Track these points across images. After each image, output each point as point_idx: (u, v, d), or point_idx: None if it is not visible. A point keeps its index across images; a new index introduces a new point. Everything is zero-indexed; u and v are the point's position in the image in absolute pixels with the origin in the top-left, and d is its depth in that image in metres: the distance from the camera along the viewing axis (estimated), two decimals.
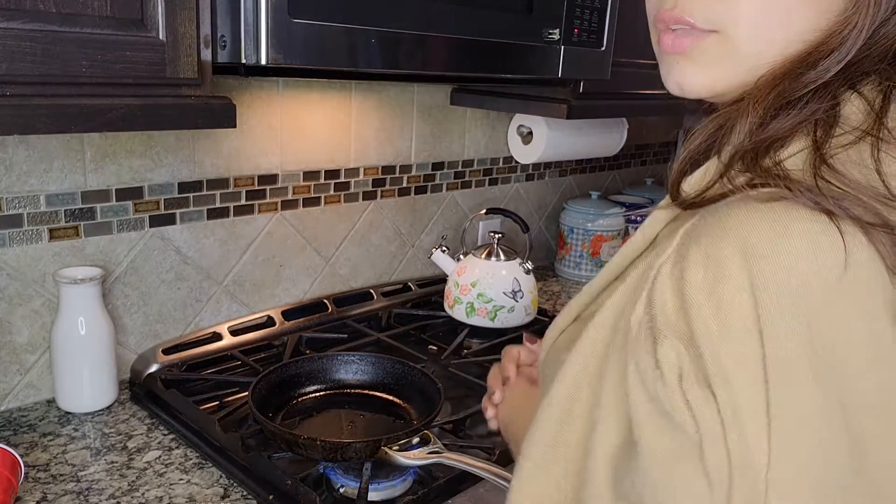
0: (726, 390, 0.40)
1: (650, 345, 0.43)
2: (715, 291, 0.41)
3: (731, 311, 0.41)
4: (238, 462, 0.97)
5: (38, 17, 0.72)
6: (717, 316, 0.41)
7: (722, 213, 0.44)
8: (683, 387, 0.42)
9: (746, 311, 0.40)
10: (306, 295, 1.45)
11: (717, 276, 0.41)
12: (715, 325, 0.41)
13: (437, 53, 1.02)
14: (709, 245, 0.42)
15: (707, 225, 0.44)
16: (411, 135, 1.56)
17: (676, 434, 0.42)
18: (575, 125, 1.62)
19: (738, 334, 0.40)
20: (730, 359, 0.40)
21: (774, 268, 0.40)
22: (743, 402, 0.40)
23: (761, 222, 0.42)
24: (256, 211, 1.33)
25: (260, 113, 1.29)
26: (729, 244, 0.42)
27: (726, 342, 0.41)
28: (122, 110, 0.79)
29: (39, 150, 1.06)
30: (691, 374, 0.41)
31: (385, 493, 0.93)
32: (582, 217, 1.88)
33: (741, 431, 0.40)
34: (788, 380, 0.40)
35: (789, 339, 0.40)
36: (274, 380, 1.08)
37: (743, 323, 0.40)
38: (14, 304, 1.08)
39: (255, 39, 0.83)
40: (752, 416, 0.40)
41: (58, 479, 0.94)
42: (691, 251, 0.43)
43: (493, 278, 1.44)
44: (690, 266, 0.42)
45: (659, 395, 0.43)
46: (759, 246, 0.41)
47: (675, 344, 0.42)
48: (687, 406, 0.42)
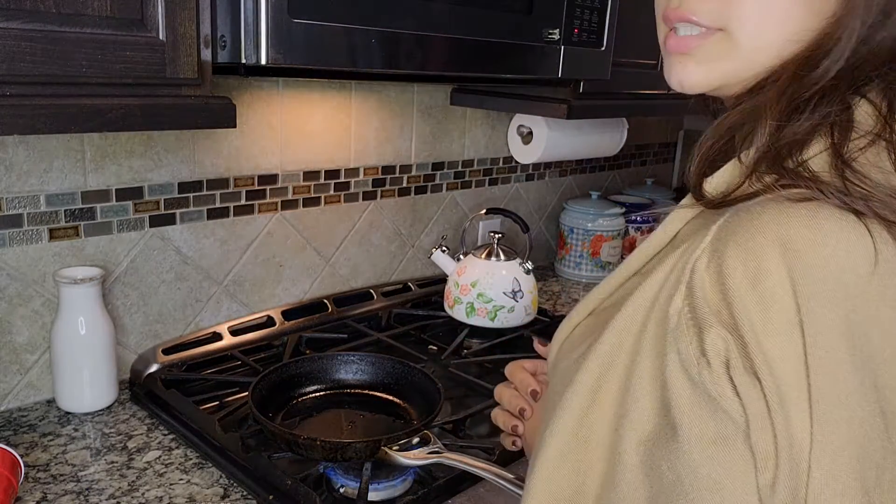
0: (771, 377, 0.43)
1: (694, 334, 0.46)
2: (757, 285, 0.43)
3: (772, 303, 0.43)
4: (238, 462, 0.97)
5: (38, 16, 0.72)
6: (760, 308, 0.43)
7: (756, 210, 0.46)
8: (731, 373, 0.44)
9: (787, 304, 0.43)
10: (306, 295, 1.45)
11: (758, 270, 0.43)
12: (758, 317, 0.43)
13: (437, 53, 1.02)
14: (746, 240, 0.44)
15: (742, 221, 0.46)
16: (411, 135, 1.56)
17: (722, 418, 0.45)
18: (575, 125, 1.62)
19: (781, 326, 0.43)
20: (774, 348, 0.43)
21: (811, 262, 0.43)
22: (787, 388, 0.42)
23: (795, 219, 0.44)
24: (256, 211, 1.33)
25: (260, 113, 1.29)
26: (766, 239, 0.44)
27: (770, 333, 0.43)
28: (122, 110, 0.79)
29: (39, 150, 1.06)
30: (738, 361, 0.44)
31: (385, 493, 0.93)
32: (582, 217, 1.88)
33: (786, 415, 0.42)
34: (828, 367, 0.42)
35: (828, 329, 0.42)
36: (274, 380, 1.08)
37: (785, 315, 0.43)
38: (14, 304, 1.08)
39: (255, 39, 0.83)
40: (795, 400, 0.42)
41: (58, 479, 0.94)
42: (728, 246, 0.45)
43: (493, 278, 1.44)
44: (728, 260, 0.45)
45: (705, 381, 0.45)
46: (796, 241, 0.43)
47: (722, 332, 0.44)
48: (734, 392, 0.44)
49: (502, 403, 0.79)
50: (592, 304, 0.60)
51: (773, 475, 0.43)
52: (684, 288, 0.47)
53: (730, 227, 0.46)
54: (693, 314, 0.46)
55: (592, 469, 0.53)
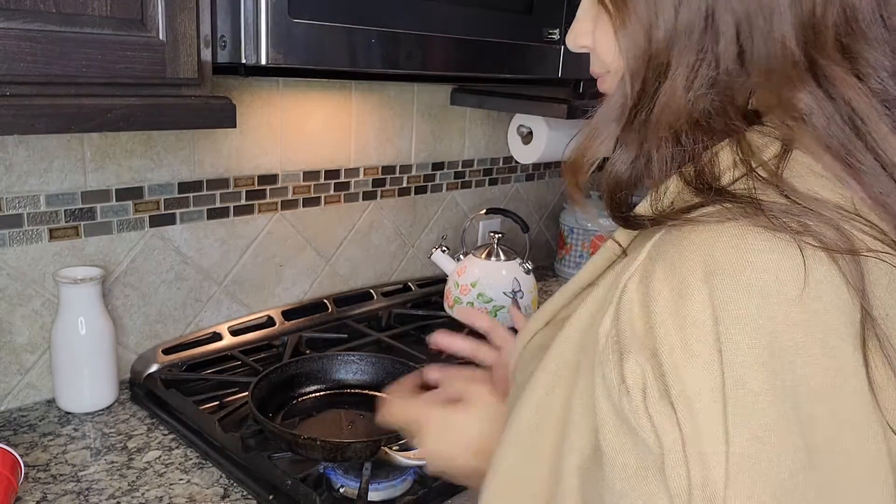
0: (686, 407, 0.41)
1: (617, 359, 0.44)
2: (679, 309, 0.42)
3: (693, 328, 0.41)
4: (238, 462, 0.97)
5: (38, 17, 0.72)
6: (680, 334, 0.41)
7: (686, 229, 0.44)
8: (647, 403, 0.42)
9: (707, 330, 0.41)
10: (306, 295, 1.45)
11: (681, 293, 0.42)
12: (678, 343, 0.41)
13: (437, 53, 1.02)
14: (673, 261, 0.43)
15: (672, 241, 0.44)
16: (411, 135, 1.56)
17: (640, 449, 0.42)
18: (575, 125, 1.62)
19: (700, 353, 0.41)
20: (690, 376, 0.41)
21: (735, 286, 0.41)
22: (702, 419, 0.40)
23: (723, 239, 0.42)
24: (256, 211, 1.33)
25: (260, 113, 1.29)
26: (692, 261, 0.42)
27: (687, 359, 0.41)
28: (122, 110, 0.79)
29: (39, 150, 1.06)
30: (654, 390, 0.42)
31: (385, 493, 0.93)
32: (582, 217, 1.87)
33: (700, 449, 0.40)
34: (746, 398, 0.40)
35: (748, 357, 0.40)
36: (274, 380, 1.08)
37: (704, 342, 0.41)
38: (14, 304, 1.08)
39: (255, 39, 0.83)
40: (710, 433, 0.40)
41: (58, 479, 0.94)
42: (657, 266, 0.44)
43: (493, 278, 1.44)
44: (655, 281, 0.43)
45: (625, 410, 0.43)
46: (721, 264, 0.41)
47: (640, 359, 0.42)
48: (650, 422, 0.42)
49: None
50: (549, 314, 0.59)
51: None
52: (613, 309, 0.45)
53: (661, 245, 0.45)
54: (618, 338, 0.44)
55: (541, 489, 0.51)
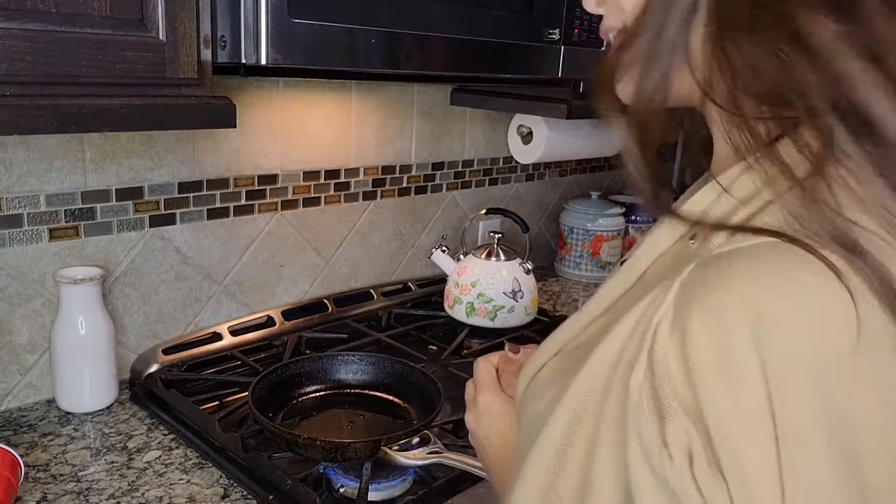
0: (739, 477, 0.38)
1: (655, 419, 0.40)
2: (723, 365, 0.38)
3: (740, 388, 0.38)
4: (238, 462, 0.97)
5: (38, 17, 0.72)
6: (727, 393, 0.38)
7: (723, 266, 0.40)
8: (694, 470, 0.39)
9: (757, 389, 0.37)
10: (306, 295, 1.45)
11: (724, 347, 0.38)
12: (724, 403, 0.38)
13: (437, 53, 1.02)
14: (711, 304, 0.39)
15: (707, 280, 0.40)
16: (411, 135, 1.56)
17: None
18: (575, 125, 1.62)
19: (750, 416, 0.37)
20: (742, 443, 0.38)
21: (785, 338, 0.37)
22: (756, 486, 0.37)
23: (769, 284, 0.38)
24: (256, 211, 1.33)
25: (260, 113, 1.29)
26: (734, 308, 0.38)
27: (736, 423, 0.38)
28: (122, 110, 0.79)
29: (39, 150, 1.06)
30: (703, 456, 0.39)
31: (385, 493, 0.93)
32: (582, 217, 1.88)
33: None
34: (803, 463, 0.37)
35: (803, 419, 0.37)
36: (274, 380, 1.08)
37: (753, 402, 0.37)
38: (14, 304, 1.08)
39: (255, 39, 0.83)
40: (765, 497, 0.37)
41: (58, 479, 0.94)
42: (693, 310, 0.40)
43: (493, 278, 1.44)
44: (693, 328, 0.39)
45: (667, 476, 0.40)
46: (768, 313, 0.38)
47: (685, 422, 0.39)
48: (698, 492, 0.39)
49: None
50: (559, 343, 0.55)
51: None
52: (645, 358, 0.42)
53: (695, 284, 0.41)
54: (654, 395, 0.40)
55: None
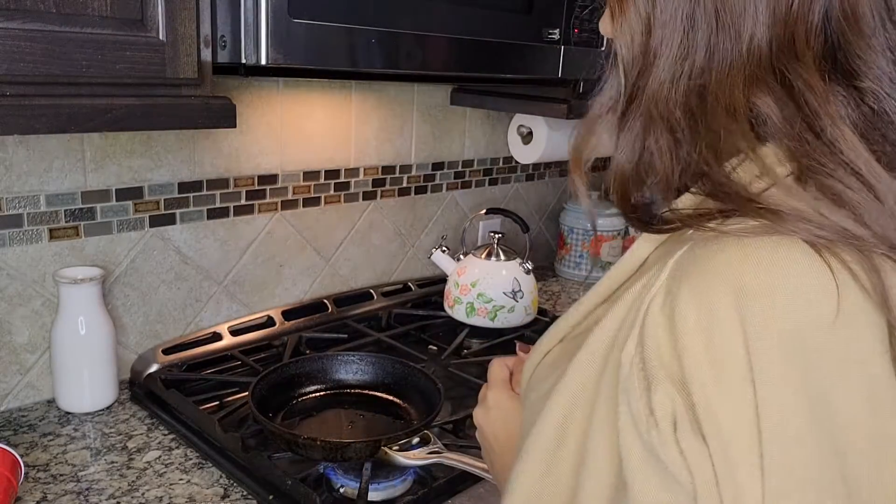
0: (720, 442, 0.39)
1: (644, 389, 0.42)
2: (708, 336, 0.40)
3: (724, 358, 0.40)
4: (238, 462, 0.97)
5: (38, 17, 0.72)
6: (710, 363, 0.40)
7: (713, 247, 0.43)
8: (678, 436, 0.41)
9: (739, 360, 0.39)
10: (306, 295, 1.45)
11: (710, 319, 0.40)
12: (708, 373, 0.40)
13: (437, 53, 1.02)
14: (700, 284, 0.42)
15: (697, 260, 0.43)
16: (411, 135, 1.56)
17: (671, 484, 0.41)
18: (575, 125, 1.62)
19: (731, 382, 0.39)
20: (722, 407, 0.39)
21: (767, 313, 0.39)
22: (736, 452, 0.39)
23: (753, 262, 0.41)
24: (256, 211, 1.33)
25: (260, 113, 1.29)
26: (720, 284, 0.41)
27: (719, 391, 0.40)
28: (122, 110, 0.79)
29: (39, 150, 1.06)
30: (685, 423, 0.40)
31: (385, 493, 0.93)
32: (582, 217, 1.88)
33: (735, 484, 0.39)
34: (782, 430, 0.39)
35: (783, 387, 0.39)
36: (274, 380, 1.08)
37: (736, 372, 0.39)
38: (14, 304, 1.08)
39: (255, 39, 0.83)
40: (746, 468, 0.39)
41: (58, 479, 0.94)
42: (682, 288, 0.42)
43: (493, 278, 1.44)
44: (681, 304, 0.42)
45: (654, 442, 0.42)
46: (751, 288, 0.40)
47: (670, 390, 0.41)
48: (682, 456, 0.40)
49: None
50: (563, 331, 0.57)
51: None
52: (637, 332, 0.44)
53: (686, 264, 0.43)
54: (644, 365, 0.43)
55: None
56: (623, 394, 0.44)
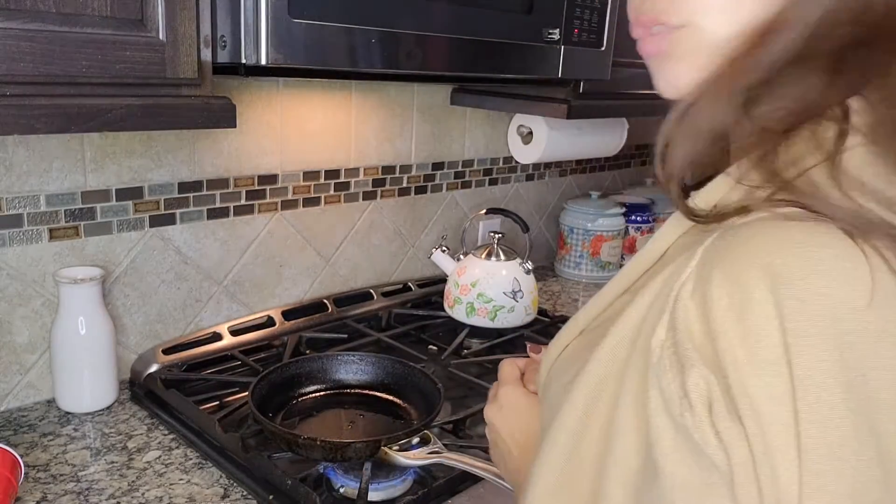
0: (756, 423, 0.39)
1: (677, 371, 0.42)
2: (742, 318, 0.40)
3: (758, 340, 0.40)
4: (238, 462, 0.97)
5: (38, 17, 0.72)
6: (745, 345, 0.40)
7: (744, 233, 0.43)
8: (713, 418, 0.41)
9: (774, 341, 0.39)
10: (306, 295, 1.45)
11: (743, 302, 0.40)
12: (743, 354, 0.40)
13: (438, 53, 1.02)
14: (732, 267, 0.41)
15: (729, 245, 0.43)
16: (411, 135, 1.56)
17: (705, 465, 0.41)
18: (575, 125, 1.62)
19: (767, 364, 0.39)
20: (758, 390, 0.39)
21: (802, 295, 0.39)
22: (773, 434, 0.39)
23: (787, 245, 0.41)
24: (256, 211, 1.33)
25: (260, 113, 1.29)
26: (754, 268, 0.41)
27: (754, 372, 0.40)
28: (122, 110, 0.79)
29: (39, 150, 1.06)
30: (722, 404, 0.40)
31: (385, 493, 0.93)
32: (582, 217, 1.88)
33: (772, 465, 0.39)
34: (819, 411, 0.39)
35: (819, 369, 0.39)
36: (274, 380, 1.08)
37: (772, 353, 0.39)
38: (14, 304, 1.08)
39: (255, 39, 0.83)
40: (782, 448, 0.39)
41: (58, 479, 0.94)
42: (714, 273, 0.42)
43: (493, 278, 1.44)
44: (714, 289, 0.41)
45: (687, 424, 0.42)
46: (785, 271, 0.40)
47: (705, 372, 0.41)
48: (717, 438, 0.41)
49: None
50: (582, 323, 0.57)
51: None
52: (667, 318, 0.44)
53: (717, 250, 0.43)
54: (676, 349, 0.43)
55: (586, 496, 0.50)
56: (654, 377, 0.44)
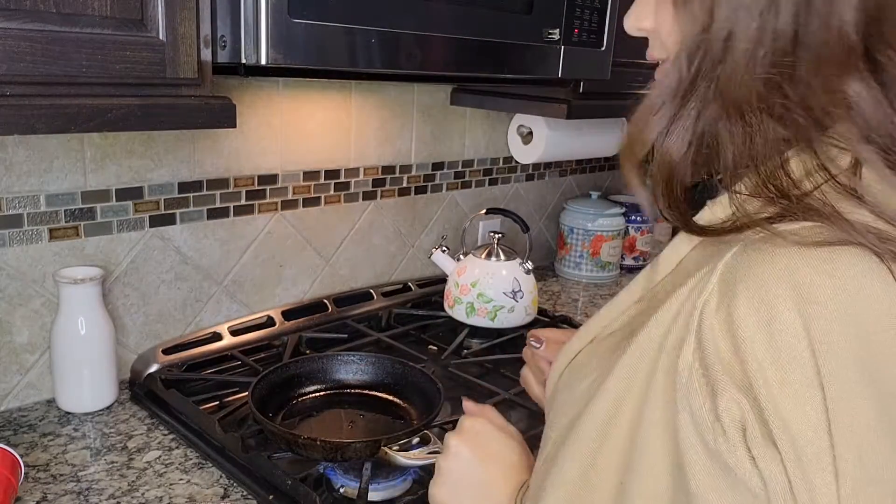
0: (792, 447, 0.39)
1: (707, 395, 0.42)
2: (771, 340, 0.40)
3: (789, 361, 0.39)
4: (238, 462, 0.97)
5: (38, 17, 0.72)
6: (776, 367, 0.40)
7: (767, 250, 0.42)
8: (748, 443, 0.40)
9: (805, 362, 0.39)
10: (306, 295, 1.45)
11: (771, 322, 0.40)
12: (774, 376, 0.40)
13: (438, 53, 1.02)
14: (757, 286, 0.41)
15: (752, 262, 0.42)
16: (411, 135, 1.56)
17: (740, 489, 0.41)
18: (575, 125, 1.62)
19: (800, 387, 0.39)
20: (792, 413, 0.39)
21: (830, 316, 0.39)
22: (809, 459, 0.39)
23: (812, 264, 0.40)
24: (256, 211, 1.33)
25: (260, 113, 1.29)
26: (780, 287, 0.40)
27: (787, 396, 0.39)
28: (122, 110, 0.79)
29: (39, 150, 1.06)
30: (755, 427, 0.40)
31: (385, 493, 0.93)
32: (582, 217, 1.88)
33: (810, 488, 0.39)
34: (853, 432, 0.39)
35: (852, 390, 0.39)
36: (274, 380, 1.08)
37: (802, 374, 0.39)
38: (14, 304, 1.08)
39: (255, 39, 0.83)
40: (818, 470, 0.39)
41: (58, 479, 0.94)
42: (738, 290, 0.42)
43: (493, 278, 1.44)
44: (739, 307, 0.41)
45: (721, 450, 0.41)
46: (812, 290, 0.40)
47: (737, 396, 0.41)
48: (752, 463, 0.40)
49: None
50: (594, 331, 0.57)
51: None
52: (693, 339, 0.44)
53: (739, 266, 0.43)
54: (705, 372, 0.42)
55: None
56: (683, 400, 0.44)
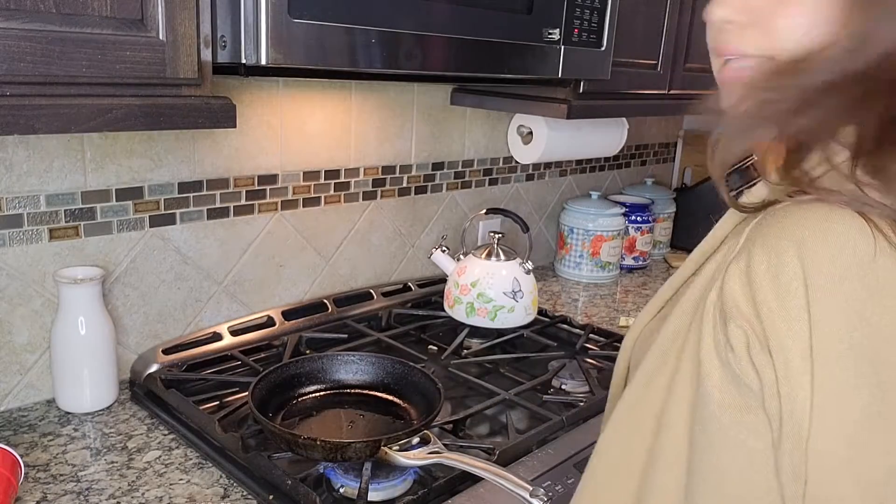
0: (782, 354, 0.51)
1: (722, 324, 0.55)
2: (776, 277, 0.52)
3: (787, 293, 0.51)
4: (238, 462, 0.97)
5: (38, 17, 0.72)
6: (777, 298, 0.52)
7: (779, 215, 0.55)
8: (751, 354, 0.53)
9: (799, 294, 0.51)
10: (306, 295, 1.45)
11: (777, 266, 0.52)
12: (775, 305, 0.52)
13: (438, 53, 1.02)
14: (770, 241, 0.53)
15: (769, 224, 0.55)
16: (411, 135, 1.56)
17: (744, 391, 0.54)
18: (575, 125, 1.62)
19: (793, 312, 0.51)
20: (785, 330, 0.51)
21: (821, 259, 0.51)
22: (794, 364, 0.51)
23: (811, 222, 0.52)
24: (256, 211, 1.33)
25: (260, 113, 1.29)
26: (785, 239, 0.52)
27: (783, 318, 0.51)
28: (122, 110, 0.79)
29: (39, 150, 1.06)
30: (756, 343, 0.52)
31: (385, 493, 0.93)
32: (582, 217, 1.88)
33: (791, 385, 0.51)
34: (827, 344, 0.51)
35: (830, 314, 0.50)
36: (274, 380, 1.08)
37: (796, 303, 0.51)
38: (14, 304, 1.08)
39: (255, 39, 0.83)
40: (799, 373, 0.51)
41: (58, 479, 0.94)
42: (756, 245, 0.54)
43: (493, 278, 1.44)
44: (755, 257, 0.53)
45: (730, 362, 0.54)
46: (809, 242, 0.51)
47: (742, 324, 0.53)
48: (753, 368, 0.53)
49: None
50: (659, 303, 0.70)
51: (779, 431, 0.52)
52: (719, 284, 0.56)
53: (760, 229, 0.55)
54: (722, 307, 0.55)
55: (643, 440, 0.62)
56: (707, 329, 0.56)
